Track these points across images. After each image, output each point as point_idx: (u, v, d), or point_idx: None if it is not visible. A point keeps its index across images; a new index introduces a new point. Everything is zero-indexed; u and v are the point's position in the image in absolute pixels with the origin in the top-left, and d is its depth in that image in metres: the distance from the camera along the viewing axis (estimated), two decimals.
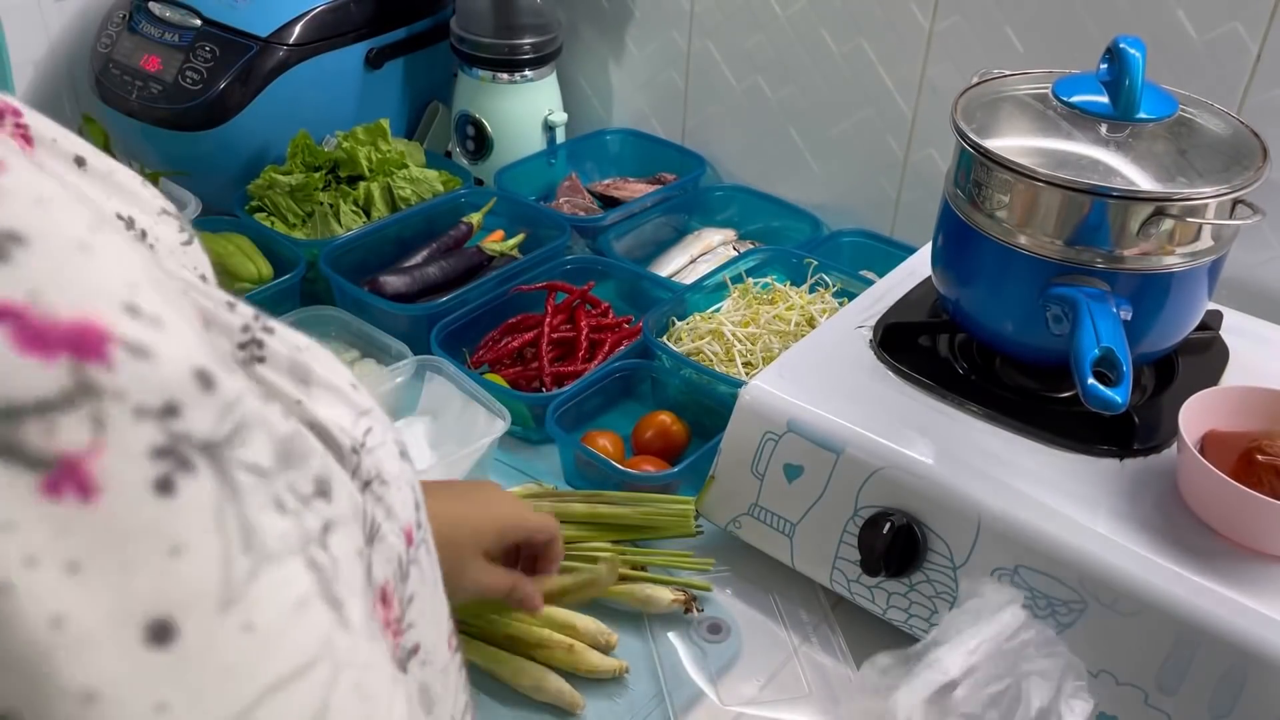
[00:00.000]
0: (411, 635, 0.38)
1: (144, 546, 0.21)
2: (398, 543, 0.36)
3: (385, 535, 0.35)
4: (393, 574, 0.36)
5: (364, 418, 0.36)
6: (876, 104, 1.28)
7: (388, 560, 0.35)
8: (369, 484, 0.35)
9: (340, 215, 1.29)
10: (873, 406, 0.86)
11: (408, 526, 0.37)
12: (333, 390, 0.35)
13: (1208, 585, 0.71)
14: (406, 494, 0.37)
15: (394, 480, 0.36)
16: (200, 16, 1.31)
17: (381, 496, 0.35)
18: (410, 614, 0.38)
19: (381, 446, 0.36)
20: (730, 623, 0.88)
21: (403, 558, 0.37)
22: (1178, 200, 0.76)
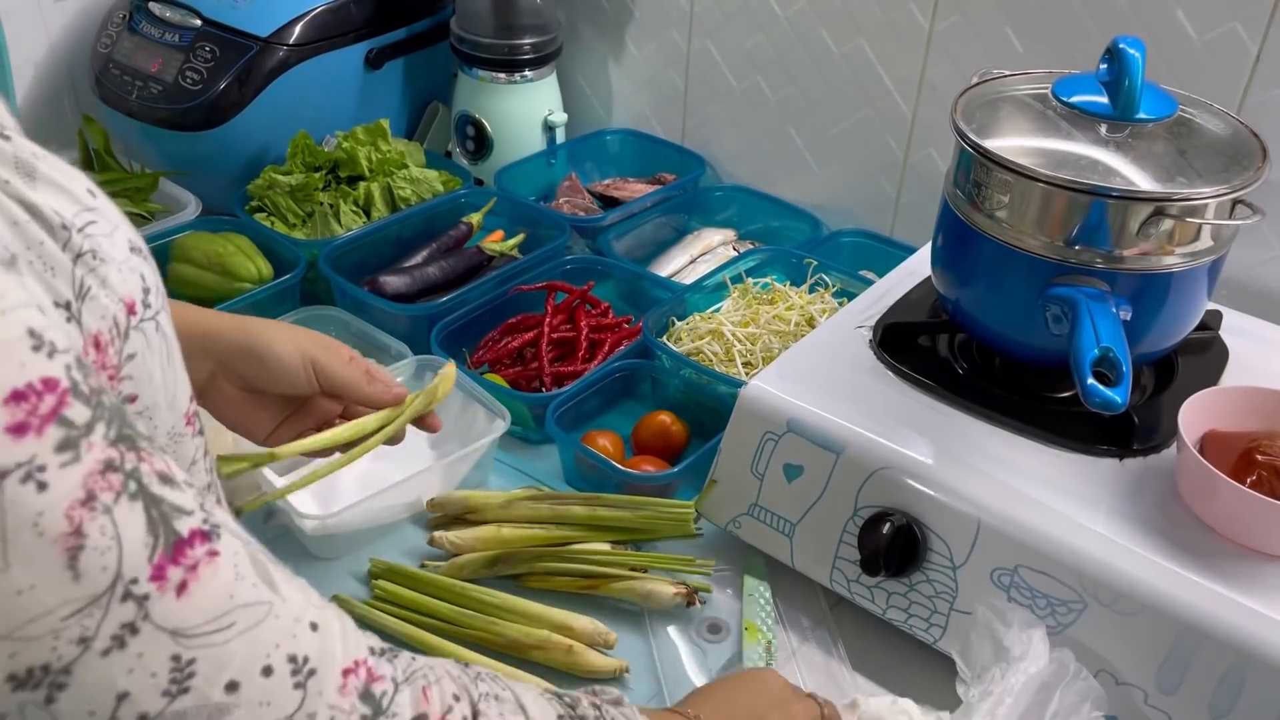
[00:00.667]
0: (128, 385, 0.48)
1: None
2: (114, 306, 0.46)
3: (97, 296, 0.45)
4: (108, 329, 0.45)
5: (88, 213, 0.46)
6: (876, 104, 1.28)
7: (101, 317, 0.45)
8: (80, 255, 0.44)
9: (340, 215, 1.29)
10: (873, 406, 0.86)
11: (129, 299, 0.47)
12: (57, 187, 0.45)
13: (1208, 585, 0.71)
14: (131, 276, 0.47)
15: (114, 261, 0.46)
16: (200, 16, 1.31)
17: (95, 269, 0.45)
18: (128, 368, 0.47)
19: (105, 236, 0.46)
20: (730, 622, 0.88)
21: (119, 320, 0.46)
22: (1177, 200, 0.76)
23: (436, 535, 0.94)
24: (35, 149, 0.45)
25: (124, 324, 0.47)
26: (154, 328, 0.49)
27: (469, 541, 0.92)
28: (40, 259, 0.42)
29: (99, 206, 0.47)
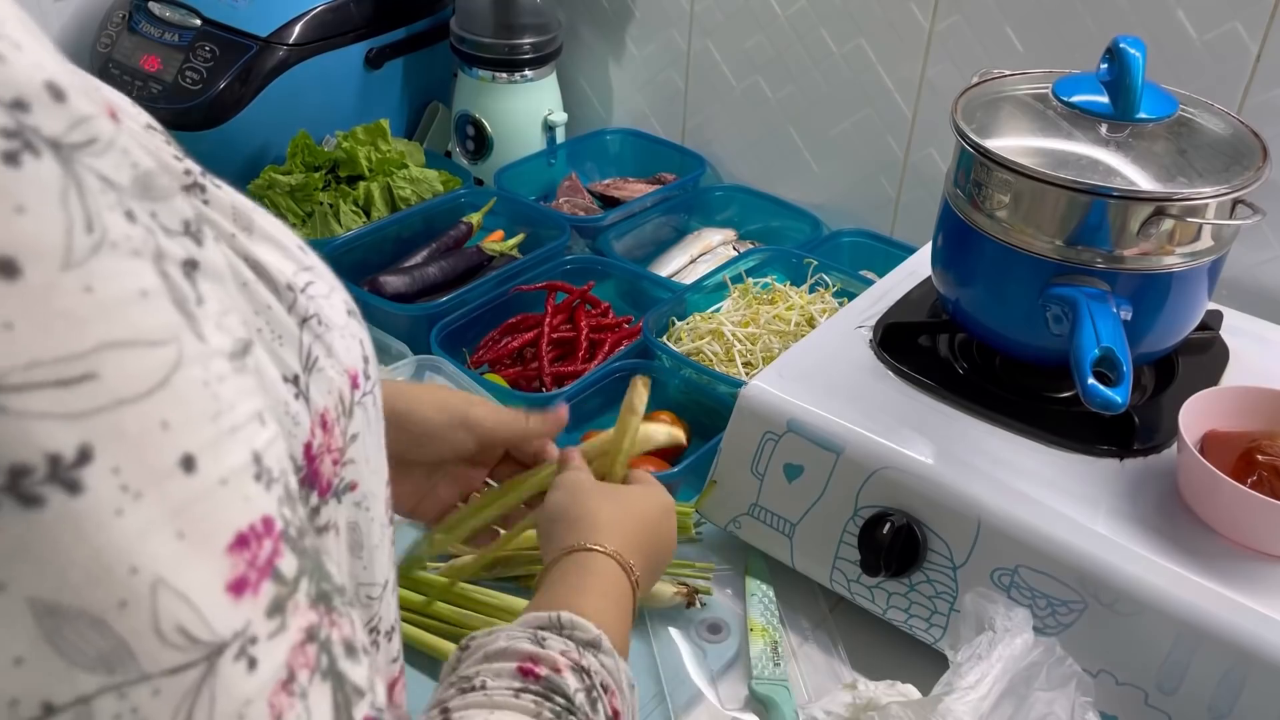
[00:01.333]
0: (350, 470, 0.42)
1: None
2: (339, 379, 0.40)
3: (324, 368, 0.39)
4: (333, 405, 0.39)
5: (306, 271, 0.40)
6: (876, 104, 1.28)
7: (328, 392, 0.39)
8: (306, 320, 0.39)
9: (340, 215, 1.29)
10: (873, 406, 0.86)
11: (353, 371, 0.41)
12: (273, 242, 0.39)
13: (1208, 585, 0.71)
14: (352, 344, 0.42)
15: (336, 327, 0.41)
16: (200, 16, 1.31)
17: (320, 335, 0.39)
18: (351, 451, 0.41)
19: (325, 297, 0.41)
20: (730, 623, 0.88)
21: (345, 395, 0.40)
22: (1178, 200, 0.76)
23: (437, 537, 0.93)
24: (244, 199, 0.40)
25: (349, 399, 0.41)
26: (372, 402, 0.43)
27: None
28: (268, 325, 0.37)
29: (315, 265, 0.42)
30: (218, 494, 0.29)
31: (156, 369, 0.27)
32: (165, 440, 0.27)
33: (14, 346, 0.25)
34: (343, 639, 0.34)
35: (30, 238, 0.25)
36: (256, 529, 0.30)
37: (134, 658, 0.27)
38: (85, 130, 0.27)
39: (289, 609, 0.31)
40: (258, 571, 0.30)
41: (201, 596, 0.28)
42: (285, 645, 0.30)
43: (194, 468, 0.28)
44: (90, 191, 0.27)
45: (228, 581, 0.29)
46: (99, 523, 0.26)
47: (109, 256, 0.27)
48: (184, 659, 0.28)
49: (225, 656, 0.28)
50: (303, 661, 0.31)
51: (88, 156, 0.27)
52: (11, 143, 0.25)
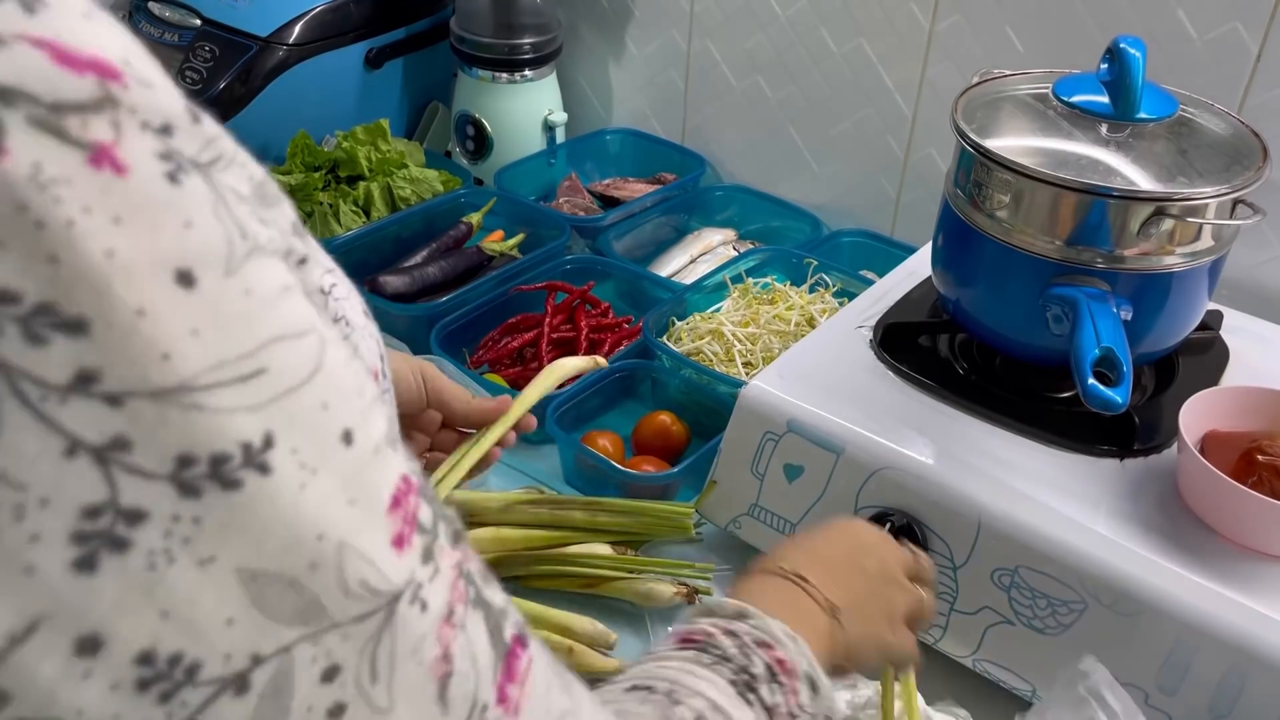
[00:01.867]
0: None
1: (165, 215, 0.27)
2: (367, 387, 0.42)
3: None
4: None
5: (330, 274, 0.42)
6: (876, 104, 1.28)
7: None
8: (337, 321, 0.41)
9: (340, 215, 1.29)
10: (873, 406, 0.86)
11: (374, 369, 0.43)
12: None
13: (1208, 585, 0.71)
14: (371, 344, 0.43)
15: (358, 328, 0.42)
16: (200, 16, 1.31)
17: (348, 336, 0.41)
18: None
19: (346, 300, 0.42)
20: None
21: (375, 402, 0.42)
22: (1178, 200, 0.76)
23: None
24: None
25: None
26: (390, 399, 0.45)
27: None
28: None
29: (335, 269, 0.43)
30: (372, 462, 0.32)
31: (310, 357, 0.30)
32: (327, 419, 0.31)
33: (202, 350, 0.27)
34: (479, 570, 0.37)
35: (200, 248, 0.28)
36: (401, 488, 0.33)
37: (325, 611, 0.30)
38: (215, 149, 0.30)
39: (437, 552, 0.34)
40: (409, 526, 0.33)
41: (377, 553, 0.31)
42: (445, 584, 0.34)
43: (352, 441, 0.31)
44: (230, 202, 0.29)
45: (392, 537, 0.32)
46: (287, 498, 0.29)
47: (259, 260, 0.29)
48: (368, 608, 0.31)
49: (402, 602, 0.32)
50: (458, 596, 0.35)
51: (219, 172, 0.29)
52: (169, 164, 0.27)
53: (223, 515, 0.28)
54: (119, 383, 0.26)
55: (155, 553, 0.27)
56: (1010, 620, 0.77)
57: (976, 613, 0.79)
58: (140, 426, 0.27)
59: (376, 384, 0.42)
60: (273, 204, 0.32)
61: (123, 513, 0.27)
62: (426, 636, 0.33)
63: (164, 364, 0.27)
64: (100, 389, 0.26)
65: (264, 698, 0.29)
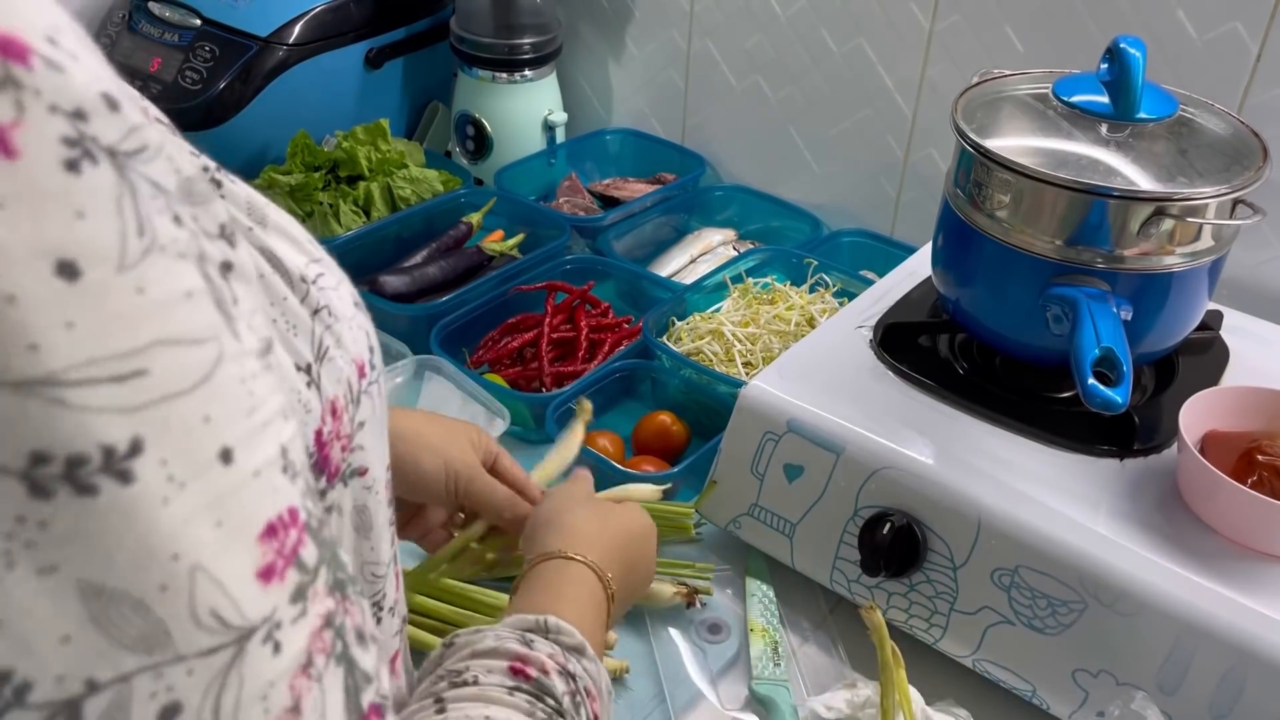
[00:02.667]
0: (359, 456, 0.43)
1: (54, 205, 0.26)
2: (348, 369, 0.41)
3: (334, 358, 0.40)
4: (343, 394, 0.41)
5: (315, 264, 0.42)
6: (876, 104, 1.28)
7: (337, 381, 0.40)
8: (318, 311, 0.40)
9: (340, 215, 1.29)
10: (873, 406, 0.86)
11: (359, 360, 0.42)
12: (285, 234, 0.41)
13: (1208, 585, 0.71)
14: (359, 334, 0.43)
15: (345, 318, 0.42)
16: (200, 16, 1.31)
17: (330, 326, 0.40)
18: (359, 437, 0.43)
19: (333, 289, 0.42)
20: (730, 623, 0.88)
21: (353, 384, 0.42)
22: (1178, 200, 0.76)
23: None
24: (256, 193, 0.41)
25: (356, 388, 0.42)
26: (377, 391, 0.45)
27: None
28: (284, 316, 0.38)
29: (323, 257, 0.43)
30: (251, 485, 0.30)
31: (200, 366, 0.29)
32: (207, 433, 0.29)
33: (74, 344, 0.26)
34: (355, 626, 0.35)
35: (89, 241, 0.26)
36: (284, 519, 0.31)
37: (171, 639, 0.28)
38: (137, 138, 0.28)
39: (310, 595, 0.32)
40: (284, 560, 0.31)
41: (235, 583, 0.29)
42: (306, 630, 0.32)
43: (231, 460, 0.30)
44: (142, 197, 0.28)
45: (258, 569, 0.30)
46: (147, 511, 0.27)
47: (159, 259, 0.28)
48: (216, 641, 0.29)
49: (254, 640, 0.30)
50: (320, 646, 0.32)
51: (139, 163, 0.28)
52: (72, 151, 0.26)
53: (71, 521, 0.26)
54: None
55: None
56: (1010, 620, 0.77)
57: (976, 613, 0.79)
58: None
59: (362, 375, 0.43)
60: (200, 202, 0.31)
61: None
62: (277, 683, 0.31)
63: (30, 354, 0.25)
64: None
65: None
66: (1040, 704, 0.77)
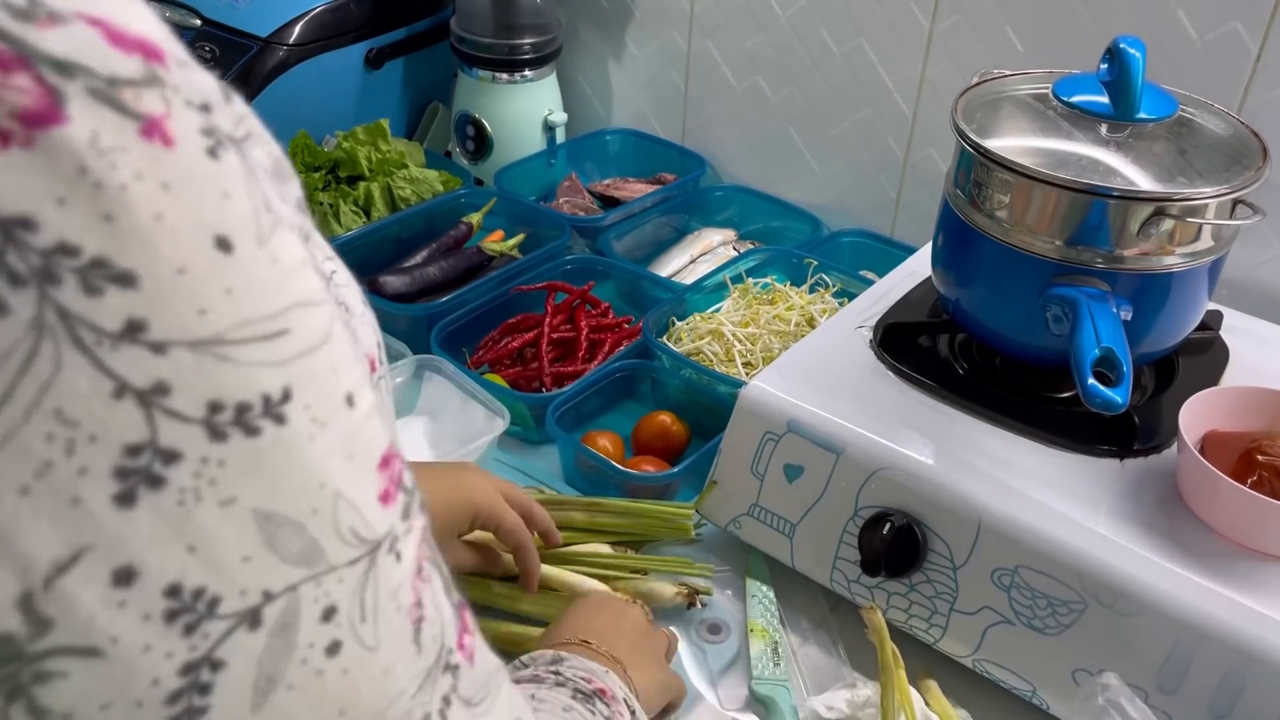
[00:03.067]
0: None
1: (207, 186, 0.29)
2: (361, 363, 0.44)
3: None
4: None
5: (330, 260, 0.43)
6: (876, 104, 1.28)
7: None
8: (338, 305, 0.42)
9: (340, 215, 1.29)
10: (873, 406, 0.86)
11: (371, 355, 0.45)
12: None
13: (1208, 585, 0.71)
14: (369, 331, 0.46)
15: (357, 314, 0.44)
16: (200, 16, 1.31)
17: (348, 323, 0.42)
18: None
19: (345, 287, 0.44)
20: (730, 623, 0.88)
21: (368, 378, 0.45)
22: (1178, 200, 0.76)
23: None
24: None
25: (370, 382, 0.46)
26: (386, 386, 0.48)
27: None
28: None
29: (334, 255, 0.45)
30: (367, 425, 0.35)
31: (324, 324, 0.33)
32: (335, 382, 0.33)
33: (234, 308, 0.30)
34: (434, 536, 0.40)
35: (235, 219, 0.30)
36: (389, 452, 0.36)
37: (324, 554, 0.33)
38: (246, 126, 0.32)
39: (412, 513, 0.37)
40: (394, 485, 0.36)
41: (365, 504, 0.34)
42: (414, 541, 0.37)
43: (354, 404, 0.34)
44: (257, 174, 0.31)
45: (379, 492, 0.35)
46: (298, 448, 0.32)
47: (282, 232, 0.32)
48: (356, 554, 0.34)
49: (381, 551, 0.35)
50: (425, 554, 0.38)
51: (250, 148, 0.32)
52: (210, 139, 0.30)
53: (244, 459, 0.30)
54: (163, 332, 0.28)
55: (186, 491, 0.30)
56: (1010, 620, 0.77)
57: (976, 613, 0.79)
58: (179, 373, 0.29)
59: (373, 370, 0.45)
60: (286, 180, 0.35)
61: (160, 452, 0.29)
62: (402, 585, 0.36)
63: (201, 318, 0.29)
64: (146, 337, 0.28)
65: (274, 633, 0.32)
66: (1040, 704, 0.77)
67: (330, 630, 0.33)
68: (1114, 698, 0.69)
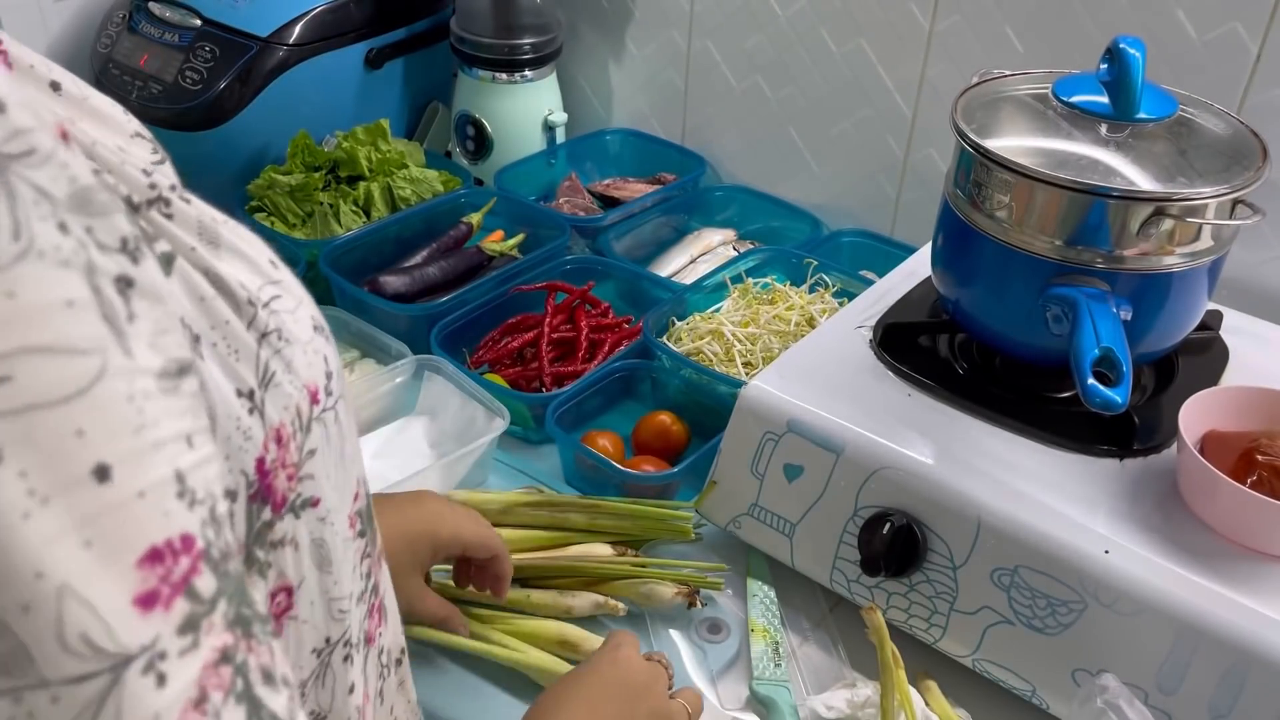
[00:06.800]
0: (309, 485, 0.42)
1: None
2: (297, 394, 0.41)
3: (281, 383, 0.40)
4: (290, 420, 0.40)
5: (273, 285, 0.41)
6: (876, 104, 1.28)
7: (285, 407, 0.40)
8: (266, 335, 0.39)
9: (340, 215, 1.29)
10: (873, 406, 0.86)
11: (313, 386, 0.42)
12: (241, 256, 0.40)
13: (1208, 585, 0.71)
14: (315, 359, 0.42)
15: (298, 342, 0.41)
16: (200, 16, 1.31)
17: (280, 350, 0.40)
18: (309, 466, 0.42)
19: (289, 313, 0.41)
20: (730, 623, 0.88)
21: (303, 410, 0.41)
22: (1178, 200, 0.76)
23: None
24: (215, 213, 0.41)
25: (306, 415, 0.41)
26: (333, 418, 0.44)
27: None
28: (225, 340, 0.37)
29: (283, 279, 0.42)
30: (133, 506, 0.29)
31: (76, 378, 0.28)
32: (79, 448, 0.27)
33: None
34: (260, 666, 0.33)
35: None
36: (174, 545, 0.29)
37: (33, 663, 0.27)
38: (22, 142, 0.28)
39: (203, 628, 0.30)
40: (171, 587, 0.29)
41: (107, 607, 0.28)
42: (197, 664, 0.30)
43: (108, 478, 0.28)
44: (22, 200, 0.27)
45: (136, 595, 0.28)
46: (5, 525, 0.26)
47: (35, 264, 0.27)
48: (87, 668, 0.27)
49: (132, 669, 0.28)
50: (216, 682, 0.30)
51: (23, 167, 0.27)
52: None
53: None
54: None
55: None
56: (1010, 620, 0.77)
57: (976, 613, 0.79)
58: None
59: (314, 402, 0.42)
60: (98, 214, 0.30)
61: None
62: (162, 716, 0.29)
63: None
64: None
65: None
66: (1040, 704, 0.77)
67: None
68: (1113, 699, 0.69)
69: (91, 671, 0.27)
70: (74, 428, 0.27)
